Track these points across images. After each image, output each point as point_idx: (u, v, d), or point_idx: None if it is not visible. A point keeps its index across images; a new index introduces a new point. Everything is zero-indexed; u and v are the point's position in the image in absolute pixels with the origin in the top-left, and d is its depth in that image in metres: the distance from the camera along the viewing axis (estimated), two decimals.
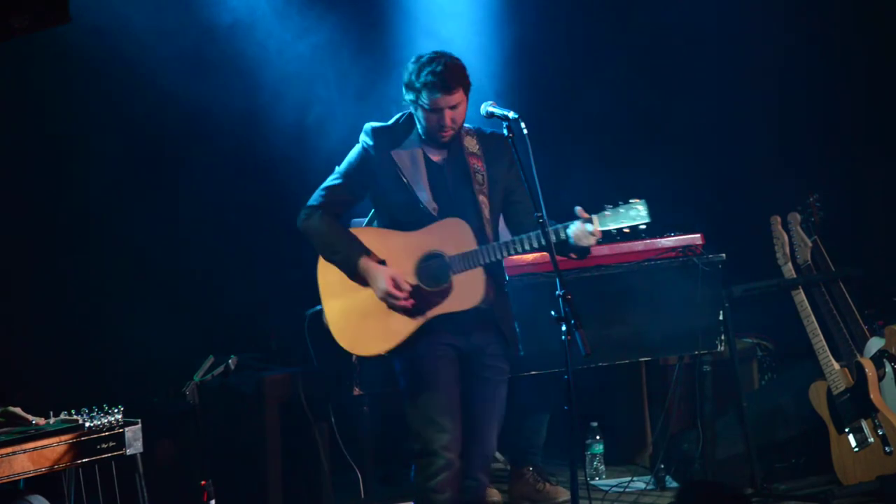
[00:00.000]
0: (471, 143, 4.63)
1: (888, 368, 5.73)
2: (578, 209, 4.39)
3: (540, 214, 4.27)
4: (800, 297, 5.89)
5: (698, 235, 5.76)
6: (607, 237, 4.47)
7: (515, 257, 5.57)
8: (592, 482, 6.23)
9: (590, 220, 4.38)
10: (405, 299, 4.51)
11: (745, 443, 5.91)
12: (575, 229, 4.40)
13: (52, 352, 5.87)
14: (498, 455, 6.56)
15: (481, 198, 4.57)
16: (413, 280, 4.54)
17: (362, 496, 5.70)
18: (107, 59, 5.90)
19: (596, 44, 6.94)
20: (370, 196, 4.67)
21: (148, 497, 4.60)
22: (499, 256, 4.50)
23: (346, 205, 4.71)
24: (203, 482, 4.55)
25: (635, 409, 6.60)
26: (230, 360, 5.49)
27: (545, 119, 6.25)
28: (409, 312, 4.54)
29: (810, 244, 5.92)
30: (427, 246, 4.55)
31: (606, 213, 4.40)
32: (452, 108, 4.51)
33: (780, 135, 6.90)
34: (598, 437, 6.33)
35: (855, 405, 5.76)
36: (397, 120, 4.66)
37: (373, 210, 4.78)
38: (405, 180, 4.57)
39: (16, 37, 4.15)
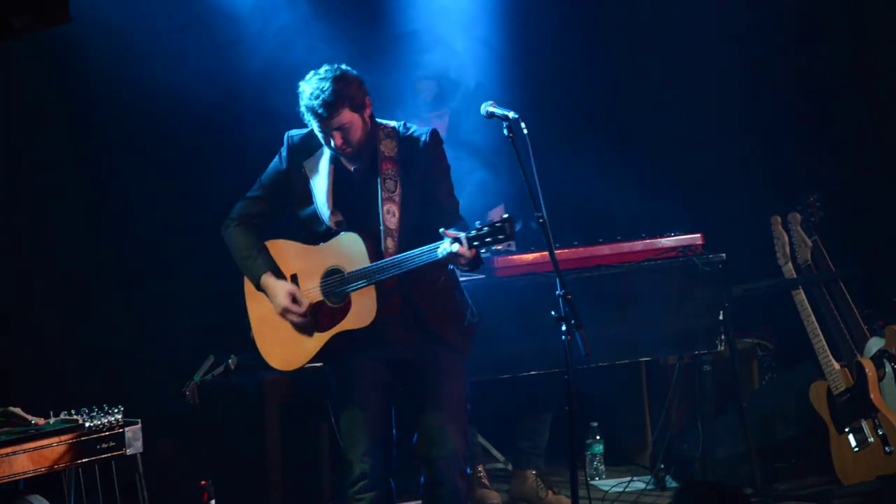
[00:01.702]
0: (388, 147, 4.50)
1: (888, 368, 5.73)
2: (443, 230, 4.24)
3: (540, 215, 4.25)
4: (800, 297, 5.89)
5: (698, 235, 5.76)
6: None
7: (514, 257, 5.59)
8: (592, 482, 6.24)
9: (457, 241, 4.21)
10: (302, 315, 4.49)
11: (745, 443, 5.91)
12: (442, 252, 4.27)
13: (52, 352, 5.87)
14: (498, 455, 6.57)
15: (388, 206, 4.43)
16: (318, 296, 4.52)
17: None
18: (119, 59, 5.89)
19: (597, 43, 6.94)
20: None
21: (148, 497, 4.60)
22: (388, 276, 4.37)
23: (264, 216, 4.66)
24: (203, 482, 4.55)
25: (635, 409, 6.61)
26: (230, 360, 5.48)
27: (544, 119, 6.25)
28: (316, 328, 4.51)
29: (810, 244, 5.92)
30: (329, 261, 4.50)
31: (472, 233, 4.22)
32: (339, 129, 4.42)
33: (780, 135, 6.89)
34: (598, 437, 6.34)
35: (855, 405, 5.76)
36: None
37: None
38: (311, 192, 4.53)
39: (16, 37, 4.15)
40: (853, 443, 5.76)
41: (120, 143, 6.15)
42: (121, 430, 4.52)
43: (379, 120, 4.56)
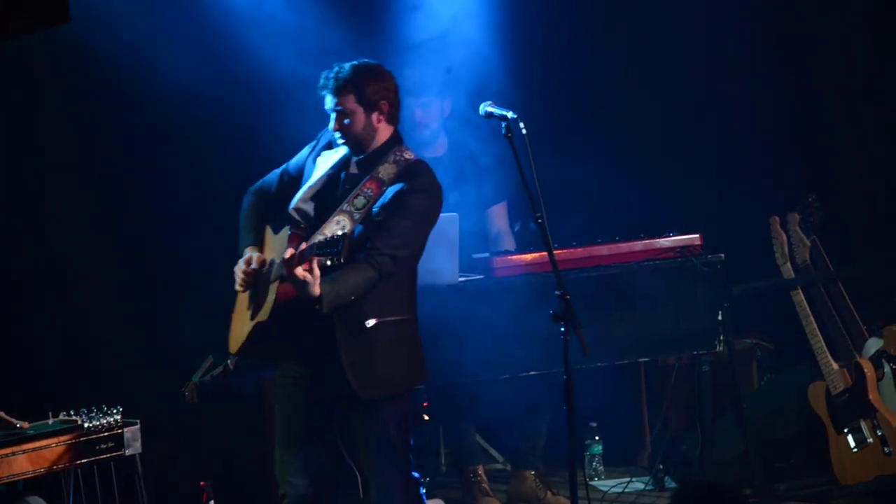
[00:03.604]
0: (386, 171, 4.38)
1: (887, 369, 5.73)
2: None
3: (539, 214, 4.26)
4: (799, 297, 5.89)
5: (697, 236, 5.76)
6: None
7: (513, 257, 5.59)
8: (591, 482, 6.24)
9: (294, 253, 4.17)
10: (244, 273, 4.39)
11: (744, 443, 5.90)
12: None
13: (52, 351, 5.86)
14: (497, 455, 6.57)
15: (341, 217, 4.26)
16: (262, 283, 4.44)
17: (361, 496, 5.69)
18: (127, 58, 5.87)
19: (595, 42, 6.94)
20: None
21: (147, 497, 4.61)
22: (278, 275, 4.26)
23: (278, 195, 4.61)
24: (203, 482, 4.56)
25: (634, 410, 6.60)
26: (230, 361, 5.49)
27: (543, 118, 6.25)
28: (253, 312, 4.44)
29: (809, 244, 5.92)
30: (272, 252, 4.46)
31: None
32: (340, 112, 4.38)
33: (780, 135, 6.89)
34: (597, 438, 6.34)
35: (854, 405, 5.76)
36: None
37: None
38: (304, 180, 4.51)
39: (16, 37, 4.16)
40: (852, 443, 5.76)
41: (119, 142, 6.14)
42: (120, 431, 4.53)
43: (406, 145, 4.49)
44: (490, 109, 4.44)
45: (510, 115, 4.36)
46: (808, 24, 6.76)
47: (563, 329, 4.14)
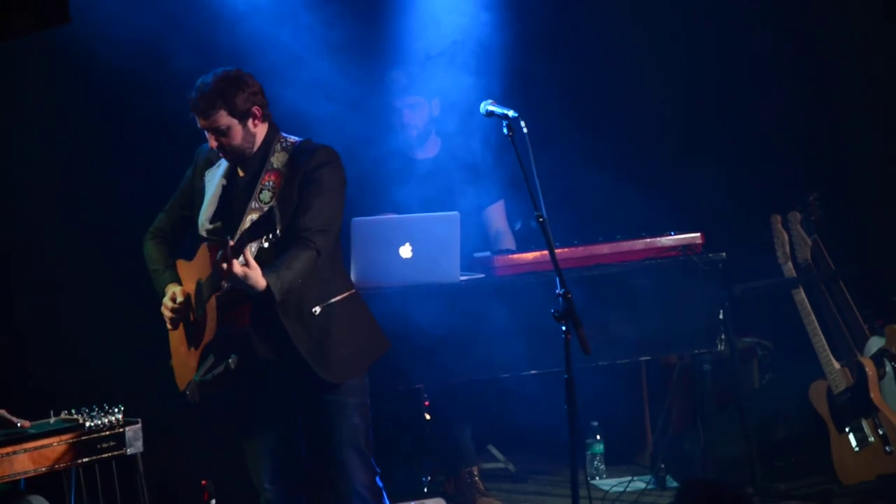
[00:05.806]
0: (279, 159, 4.41)
1: (888, 367, 5.73)
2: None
3: (539, 213, 4.25)
4: (800, 296, 5.89)
5: (698, 235, 5.76)
6: None
7: (514, 256, 5.59)
8: (593, 482, 6.24)
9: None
10: (172, 311, 4.47)
11: (745, 442, 5.91)
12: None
13: (53, 350, 5.86)
14: (498, 454, 6.55)
15: (253, 215, 4.28)
16: (194, 311, 4.45)
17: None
18: (131, 58, 5.87)
19: (601, 44, 6.94)
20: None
21: (149, 497, 4.60)
22: (217, 282, 4.23)
23: (175, 229, 4.65)
24: (203, 482, 4.56)
25: (636, 409, 6.61)
26: (230, 360, 5.48)
27: (545, 118, 6.25)
28: (194, 343, 4.46)
29: (810, 243, 5.93)
30: (196, 274, 4.45)
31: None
32: (215, 131, 4.36)
33: (781, 134, 6.89)
34: (598, 437, 6.34)
35: (855, 404, 5.76)
36: None
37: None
38: (202, 201, 4.49)
39: (16, 37, 4.15)
40: (853, 442, 5.76)
41: (120, 142, 6.14)
42: (121, 430, 4.52)
43: (283, 134, 4.49)
44: (491, 108, 4.43)
45: (511, 113, 4.35)
46: (809, 24, 6.76)
47: (564, 328, 4.14)
